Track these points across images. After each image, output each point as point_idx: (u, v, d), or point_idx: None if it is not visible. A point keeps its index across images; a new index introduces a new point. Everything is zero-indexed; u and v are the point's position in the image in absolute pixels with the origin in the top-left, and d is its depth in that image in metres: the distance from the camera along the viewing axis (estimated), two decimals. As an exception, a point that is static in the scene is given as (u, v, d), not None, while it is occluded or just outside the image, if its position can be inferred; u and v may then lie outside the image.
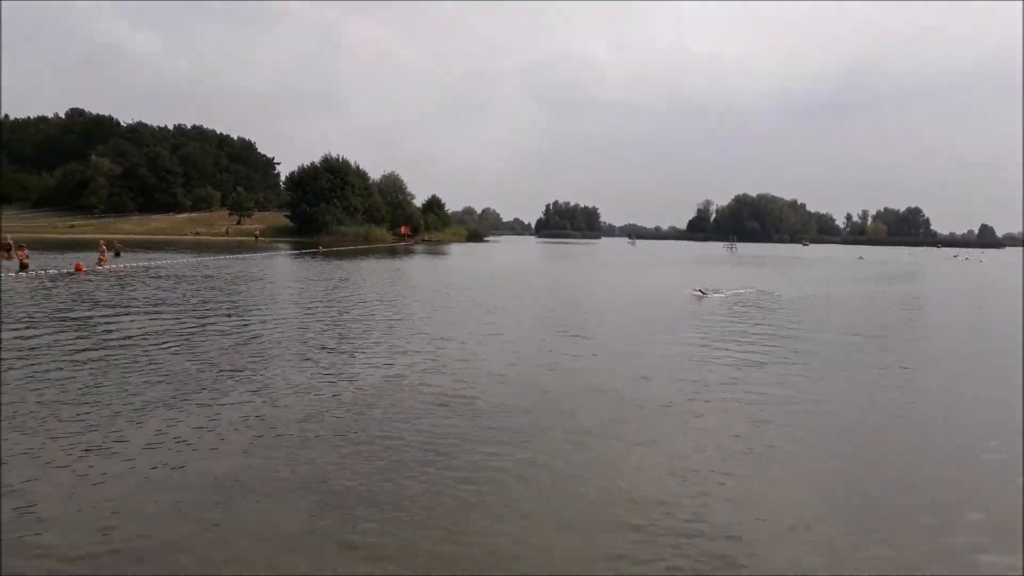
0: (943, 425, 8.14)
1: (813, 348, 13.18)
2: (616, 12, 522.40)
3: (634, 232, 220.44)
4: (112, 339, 12.17)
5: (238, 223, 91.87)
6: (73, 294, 18.86)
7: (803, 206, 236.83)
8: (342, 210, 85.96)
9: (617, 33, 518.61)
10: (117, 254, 35.87)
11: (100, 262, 29.42)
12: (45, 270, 25.63)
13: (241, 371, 9.90)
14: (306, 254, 48.13)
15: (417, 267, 39.31)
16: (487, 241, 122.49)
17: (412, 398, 8.60)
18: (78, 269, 26.36)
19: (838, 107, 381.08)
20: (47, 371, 9.46)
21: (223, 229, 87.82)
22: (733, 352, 12.51)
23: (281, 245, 62.84)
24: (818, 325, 16.87)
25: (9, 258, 29.65)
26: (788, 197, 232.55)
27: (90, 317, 14.77)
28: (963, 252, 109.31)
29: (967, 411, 8.77)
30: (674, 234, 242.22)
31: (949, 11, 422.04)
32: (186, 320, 14.75)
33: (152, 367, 9.93)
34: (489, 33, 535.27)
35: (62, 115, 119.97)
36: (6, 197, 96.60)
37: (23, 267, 25.08)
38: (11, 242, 31.66)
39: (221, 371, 9.85)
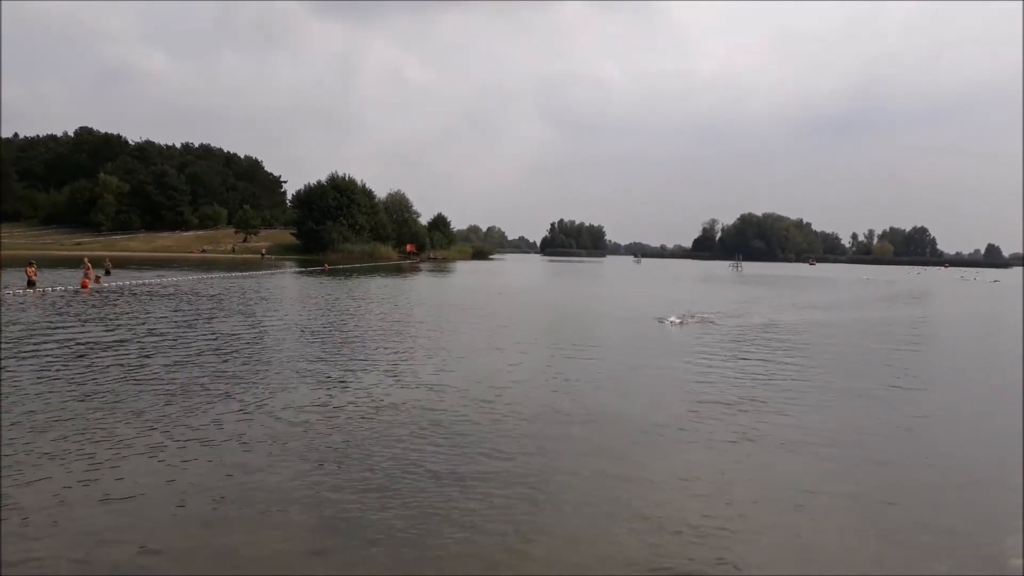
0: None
1: (825, 372, 12.99)
2: (626, 34, 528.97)
3: (639, 251, 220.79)
4: (107, 355, 12.07)
5: (244, 241, 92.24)
6: (76, 311, 18.89)
7: (808, 225, 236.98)
8: (348, 228, 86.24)
9: (627, 55, 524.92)
10: (107, 272, 34.72)
11: (95, 280, 29.13)
12: (52, 287, 25.70)
13: (244, 389, 9.76)
14: (312, 272, 48.16)
15: (422, 285, 39.24)
16: (492, 259, 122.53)
17: (410, 420, 8.43)
18: (84, 286, 26.38)
19: (844, 127, 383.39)
20: (51, 381, 9.37)
21: (229, 247, 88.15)
22: (732, 375, 12.32)
23: (287, 263, 62.95)
24: (830, 351, 16.65)
25: None
26: (794, 216, 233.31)
27: (88, 333, 14.70)
28: (970, 272, 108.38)
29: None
30: (679, 253, 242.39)
31: (959, 32, 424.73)
32: (177, 337, 14.65)
33: (146, 385, 9.80)
34: (501, 54, 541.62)
35: (71, 133, 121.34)
36: (15, 214, 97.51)
37: (31, 283, 25.08)
38: None
39: (218, 389, 9.72)
